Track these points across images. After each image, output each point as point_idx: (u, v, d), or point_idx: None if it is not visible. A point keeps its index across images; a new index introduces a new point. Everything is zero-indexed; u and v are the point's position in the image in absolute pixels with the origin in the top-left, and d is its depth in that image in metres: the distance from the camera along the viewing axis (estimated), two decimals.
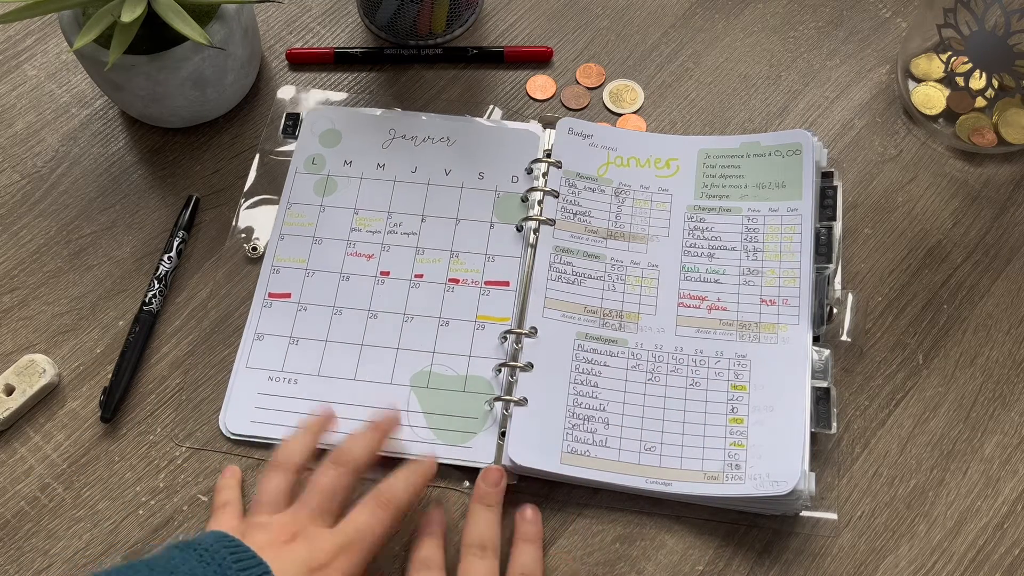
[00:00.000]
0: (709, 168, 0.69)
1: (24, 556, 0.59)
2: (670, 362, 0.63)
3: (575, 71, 0.74)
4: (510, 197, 0.69)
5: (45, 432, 0.63)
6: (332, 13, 0.77)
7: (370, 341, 0.64)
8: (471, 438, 0.61)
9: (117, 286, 0.67)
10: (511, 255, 0.67)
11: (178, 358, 0.65)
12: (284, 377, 0.64)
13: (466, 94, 0.73)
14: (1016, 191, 0.69)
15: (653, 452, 0.60)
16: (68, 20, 0.65)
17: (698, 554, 0.59)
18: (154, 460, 0.62)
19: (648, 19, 0.76)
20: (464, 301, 0.66)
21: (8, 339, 0.65)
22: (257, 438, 0.62)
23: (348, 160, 0.70)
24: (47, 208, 0.70)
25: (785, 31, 0.75)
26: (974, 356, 0.64)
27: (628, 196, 0.68)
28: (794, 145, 0.68)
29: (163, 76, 0.64)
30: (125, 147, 0.72)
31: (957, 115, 0.71)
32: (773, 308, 0.63)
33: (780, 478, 0.57)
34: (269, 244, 0.68)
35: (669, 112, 0.72)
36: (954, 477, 0.61)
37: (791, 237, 0.65)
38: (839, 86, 0.73)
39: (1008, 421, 0.62)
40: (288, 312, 0.65)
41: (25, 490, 0.61)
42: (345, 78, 0.74)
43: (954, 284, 0.66)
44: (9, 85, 0.74)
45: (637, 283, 0.65)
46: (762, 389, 0.61)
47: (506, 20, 0.76)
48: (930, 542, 0.59)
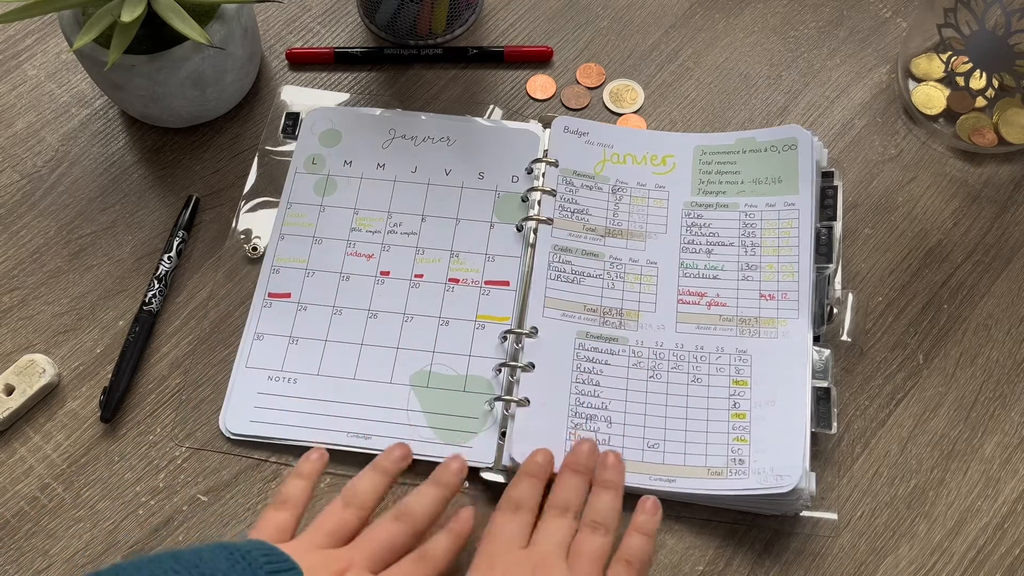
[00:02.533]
0: (705, 164, 0.69)
1: (24, 556, 0.59)
2: (671, 359, 0.63)
3: (575, 71, 0.74)
4: (510, 197, 0.69)
5: (45, 432, 0.63)
6: (332, 13, 0.77)
7: (370, 341, 0.64)
8: (471, 438, 0.61)
9: (117, 286, 0.67)
10: (511, 255, 0.67)
11: (178, 358, 0.65)
12: (284, 377, 0.64)
13: (466, 94, 0.73)
14: (1016, 191, 0.69)
15: (656, 449, 0.60)
16: (68, 20, 0.65)
17: (698, 554, 0.59)
18: (154, 460, 0.62)
19: (648, 19, 0.76)
20: (464, 301, 0.65)
21: (8, 339, 0.65)
22: (257, 438, 0.62)
23: (348, 160, 0.70)
24: (47, 208, 0.70)
25: (785, 31, 0.75)
26: (974, 356, 0.64)
27: (625, 193, 0.68)
28: (790, 140, 0.68)
29: (163, 76, 0.64)
30: (125, 147, 0.72)
31: (957, 115, 0.71)
32: (772, 303, 0.63)
33: (784, 472, 0.57)
34: (269, 244, 0.68)
35: (669, 112, 0.72)
36: (954, 477, 0.61)
37: (788, 232, 0.65)
38: (839, 86, 0.73)
39: (1008, 421, 0.62)
40: (288, 312, 0.65)
41: (25, 490, 0.61)
42: (345, 78, 0.74)
43: (954, 284, 0.66)
44: (9, 85, 0.74)
45: (636, 281, 0.65)
46: (763, 384, 0.61)
47: (506, 20, 0.76)
48: (930, 542, 0.59)
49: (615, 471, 0.58)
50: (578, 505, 0.56)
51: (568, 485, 0.57)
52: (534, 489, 0.57)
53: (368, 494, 0.56)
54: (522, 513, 0.56)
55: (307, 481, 0.58)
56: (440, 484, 0.57)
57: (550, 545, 0.54)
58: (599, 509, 0.56)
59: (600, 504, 0.56)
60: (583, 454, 0.58)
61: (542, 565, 0.53)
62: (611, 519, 0.56)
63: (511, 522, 0.55)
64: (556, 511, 0.56)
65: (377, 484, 0.57)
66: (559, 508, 0.56)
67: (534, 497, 0.57)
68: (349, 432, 0.62)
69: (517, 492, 0.57)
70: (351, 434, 0.61)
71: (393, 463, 0.58)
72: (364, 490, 0.57)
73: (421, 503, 0.56)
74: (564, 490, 0.57)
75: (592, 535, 0.55)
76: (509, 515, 0.55)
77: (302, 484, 0.58)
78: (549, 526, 0.55)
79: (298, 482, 0.58)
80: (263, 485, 0.61)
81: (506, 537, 0.55)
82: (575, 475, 0.57)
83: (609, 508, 0.56)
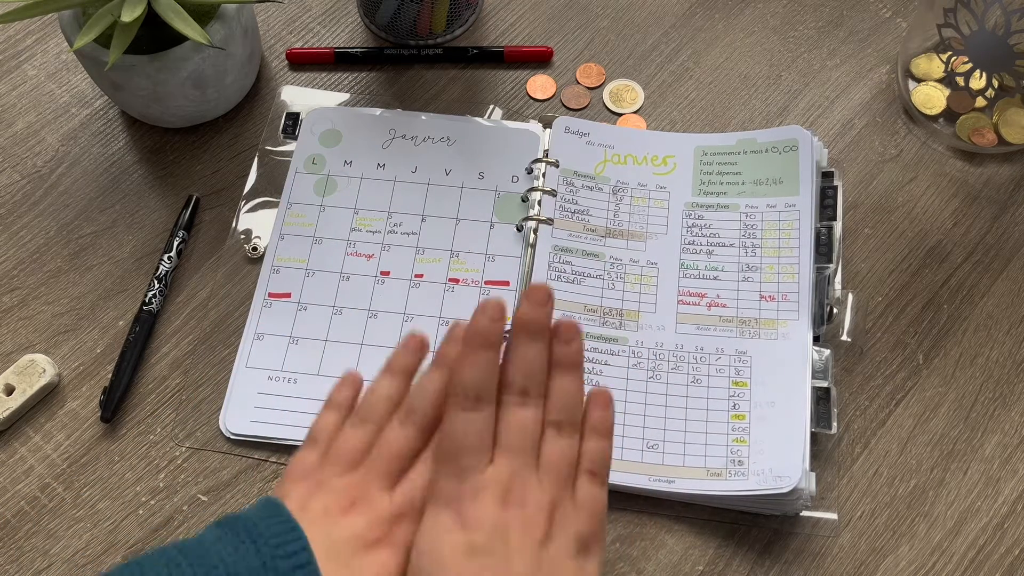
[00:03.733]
0: (706, 165, 0.69)
1: (24, 556, 0.59)
2: (671, 359, 0.63)
3: (575, 71, 0.74)
4: (510, 197, 0.69)
5: (45, 432, 0.63)
6: (332, 13, 0.77)
7: (370, 341, 0.64)
8: None
9: (117, 286, 0.67)
10: (511, 255, 0.67)
11: (178, 358, 0.65)
12: (284, 377, 0.64)
13: (466, 94, 0.73)
14: (1016, 191, 0.69)
15: (656, 450, 0.60)
16: (68, 20, 0.65)
17: (698, 554, 0.59)
18: (154, 460, 0.62)
19: (648, 19, 0.76)
20: (464, 301, 0.65)
21: (8, 339, 0.65)
22: (257, 438, 0.62)
23: (348, 160, 0.70)
24: (47, 208, 0.70)
25: (785, 31, 0.75)
26: (974, 356, 0.64)
27: (626, 194, 0.68)
28: (790, 141, 0.68)
29: (163, 76, 0.64)
30: (125, 147, 0.72)
31: (957, 115, 0.71)
32: (772, 304, 0.63)
33: (783, 473, 0.57)
34: (269, 244, 0.68)
35: (669, 112, 0.72)
36: (954, 477, 0.61)
37: (789, 233, 0.65)
38: (839, 86, 0.73)
39: (1008, 421, 0.62)
40: (288, 312, 0.65)
41: (25, 490, 0.61)
42: (345, 78, 0.74)
43: (954, 284, 0.66)
44: (9, 85, 0.74)
45: (636, 281, 0.65)
46: (763, 385, 0.61)
47: (506, 20, 0.76)
48: (930, 542, 0.59)
49: (572, 344, 0.47)
50: (541, 381, 0.46)
51: (525, 356, 0.46)
52: (491, 365, 0.46)
53: (382, 405, 0.49)
54: (483, 406, 0.46)
55: (340, 413, 0.50)
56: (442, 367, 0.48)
57: (518, 454, 0.45)
58: (561, 400, 0.47)
59: (561, 393, 0.47)
60: (538, 302, 0.47)
61: (516, 484, 0.45)
62: (576, 411, 0.47)
63: (472, 422, 0.45)
64: (516, 396, 0.46)
65: (393, 390, 0.49)
66: (518, 392, 0.46)
67: (493, 377, 0.46)
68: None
69: (472, 376, 0.46)
70: None
71: (411, 357, 0.50)
72: (379, 400, 0.49)
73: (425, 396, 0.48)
74: (521, 363, 0.46)
75: (557, 437, 0.46)
76: (467, 412, 0.45)
77: (334, 418, 0.50)
78: (512, 423, 0.46)
79: (330, 415, 0.50)
80: (263, 485, 0.61)
81: (469, 447, 0.45)
82: (531, 340, 0.47)
83: (572, 397, 0.47)
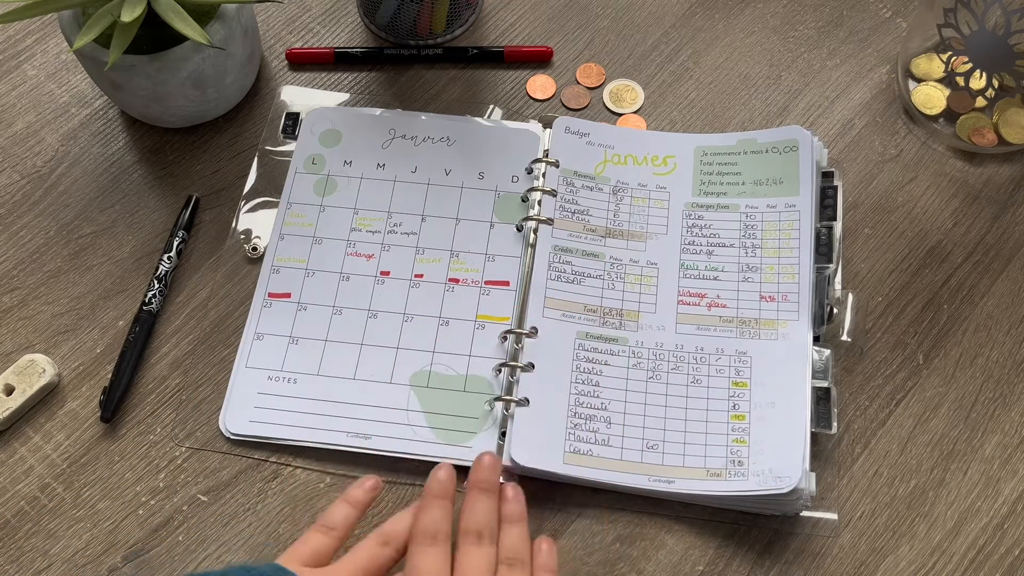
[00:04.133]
0: (706, 165, 0.69)
1: (24, 556, 0.59)
2: (671, 360, 0.63)
3: (575, 71, 0.74)
4: (510, 197, 0.69)
5: (45, 432, 0.63)
6: (332, 13, 0.77)
7: (370, 341, 0.64)
8: (471, 438, 0.61)
9: (117, 286, 0.67)
10: (511, 255, 0.67)
11: (178, 358, 0.65)
12: (284, 377, 0.64)
13: (466, 94, 0.73)
14: (1016, 191, 0.69)
15: (655, 450, 0.60)
16: (68, 20, 0.65)
17: (698, 554, 0.59)
18: (154, 460, 0.62)
19: (648, 19, 0.76)
20: (464, 301, 0.65)
21: (8, 339, 0.65)
22: (257, 438, 0.62)
23: (348, 160, 0.70)
24: (47, 208, 0.70)
25: (785, 31, 0.75)
26: (974, 356, 0.64)
27: (626, 194, 0.68)
28: (791, 141, 0.68)
29: (163, 76, 0.64)
30: (125, 147, 0.72)
31: (957, 115, 0.71)
32: (773, 304, 0.63)
33: (783, 474, 0.57)
34: (269, 244, 0.68)
35: (669, 112, 0.72)
36: (954, 477, 0.61)
37: (789, 233, 0.65)
38: (839, 86, 0.73)
39: (1008, 421, 0.62)
40: (288, 312, 0.65)
41: (25, 490, 0.61)
42: (345, 78, 0.74)
43: (954, 284, 0.66)
44: (9, 85, 0.74)
45: (636, 281, 0.65)
46: (763, 385, 0.61)
47: (506, 20, 0.76)
48: (930, 542, 0.59)
49: (515, 503, 0.58)
50: (492, 527, 0.56)
51: (478, 508, 0.56)
52: (445, 512, 0.56)
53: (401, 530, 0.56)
54: (439, 542, 0.55)
55: (356, 510, 0.57)
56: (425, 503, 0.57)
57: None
58: (511, 545, 0.56)
59: (510, 540, 0.56)
60: (485, 469, 0.58)
61: None
62: (523, 552, 0.56)
63: (430, 556, 0.54)
64: (472, 538, 0.55)
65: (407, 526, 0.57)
66: (474, 535, 0.55)
67: (447, 520, 0.56)
68: (349, 432, 0.62)
69: (429, 519, 0.55)
70: (351, 434, 0.61)
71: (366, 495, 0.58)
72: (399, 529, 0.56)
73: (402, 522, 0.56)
74: (475, 513, 0.56)
75: (510, 571, 0.55)
76: (426, 548, 0.54)
77: (349, 512, 0.57)
78: (470, 559, 0.54)
79: (346, 509, 0.57)
80: (263, 485, 0.61)
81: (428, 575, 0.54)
82: (482, 494, 0.57)
83: (520, 541, 0.56)
